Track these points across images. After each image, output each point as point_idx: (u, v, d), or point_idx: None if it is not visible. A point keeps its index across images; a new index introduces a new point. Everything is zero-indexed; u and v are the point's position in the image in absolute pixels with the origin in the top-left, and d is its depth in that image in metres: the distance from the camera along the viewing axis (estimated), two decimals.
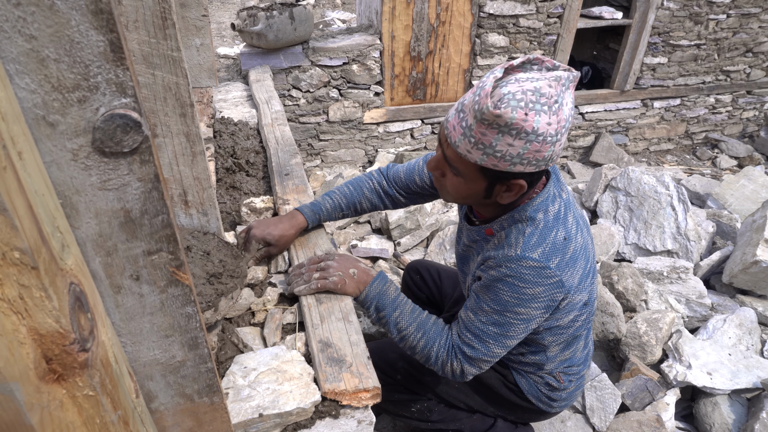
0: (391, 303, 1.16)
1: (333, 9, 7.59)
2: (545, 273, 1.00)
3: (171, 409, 0.68)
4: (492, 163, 0.92)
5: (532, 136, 0.87)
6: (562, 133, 0.91)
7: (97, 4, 0.41)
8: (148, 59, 0.92)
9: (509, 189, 0.99)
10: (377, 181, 1.40)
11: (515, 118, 0.85)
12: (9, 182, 0.37)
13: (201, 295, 1.01)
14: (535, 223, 1.03)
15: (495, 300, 1.04)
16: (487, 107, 0.86)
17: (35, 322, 0.42)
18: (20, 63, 0.41)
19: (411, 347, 1.15)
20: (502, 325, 1.06)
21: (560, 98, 0.88)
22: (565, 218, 1.06)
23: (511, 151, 0.89)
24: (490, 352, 1.09)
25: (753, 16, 4.11)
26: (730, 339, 2.00)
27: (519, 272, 1.00)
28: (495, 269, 1.03)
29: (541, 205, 1.04)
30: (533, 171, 0.94)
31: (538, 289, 1.01)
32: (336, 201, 1.37)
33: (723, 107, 4.63)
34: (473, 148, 0.92)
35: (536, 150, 0.89)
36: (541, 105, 0.86)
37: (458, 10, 3.44)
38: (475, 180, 0.99)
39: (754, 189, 3.23)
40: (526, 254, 1.00)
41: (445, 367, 1.13)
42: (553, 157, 0.93)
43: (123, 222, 0.51)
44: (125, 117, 0.45)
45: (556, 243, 1.02)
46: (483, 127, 0.89)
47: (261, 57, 3.15)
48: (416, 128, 3.85)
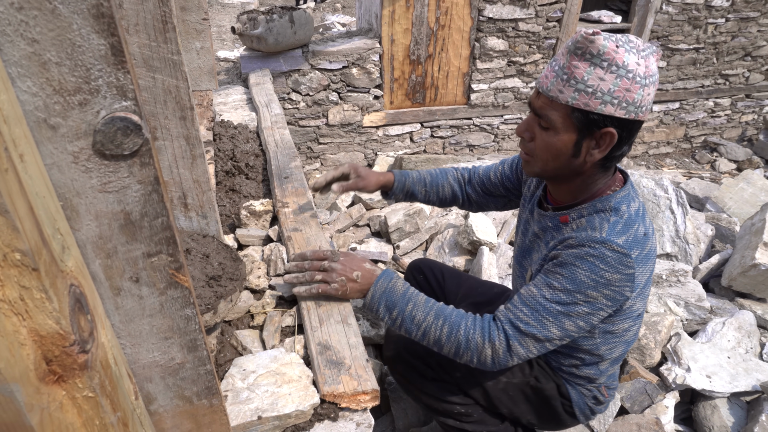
0: (402, 297, 1.10)
1: (333, 12, 7.61)
2: (626, 261, 0.98)
3: (170, 411, 0.69)
4: (583, 101, 0.94)
5: (622, 70, 0.91)
6: (651, 81, 0.94)
7: (99, 8, 0.41)
8: (149, 62, 0.93)
9: (599, 144, 0.99)
10: (461, 173, 1.47)
11: (607, 47, 0.90)
12: (10, 184, 0.37)
13: (200, 298, 1.01)
14: (620, 213, 1.03)
15: (569, 278, 1.00)
16: (580, 35, 0.92)
17: (36, 323, 0.42)
18: (22, 66, 0.41)
19: (436, 340, 1.07)
20: (567, 305, 1.01)
21: (647, 50, 0.94)
22: (644, 216, 1.07)
23: (602, 86, 0.92)
24: (544, 330, 1.02)
25: (752, 20, 4.13)
26: (729, 342, 2.00)
27: (602, 253, 0.98)
28: (577, 248, 1.01)
29: (623, 199, 1.05)
30: (623, 117, 0.94)
31: (616, 275, 0.99)
32: (422, 175, 1.41)
33: (722, 111, 4.65)
34: (565, 85, 0.95)
35: (626, 88, 0.92)
36: (630, 46, 0.92)
37: (458, 14, 3.46)
38: (565, 130, 0.99)
39: (753, 192, 3.23)
40: (611, 238, 0.99)
41: (483, 352, 1.04)
42: (642, 106, 0.94)
43: (123, 224, 0.52)
44: (126, 120, 0.46)
45: (637, 236, 1.02)
46: (575, 59, 0.93)
47: (261, 60, 3.16)
48: (416, 131, 3.86)
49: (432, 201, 1.46)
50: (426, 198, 1.44)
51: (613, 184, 1.09)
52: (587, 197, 1.08)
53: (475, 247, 2.34)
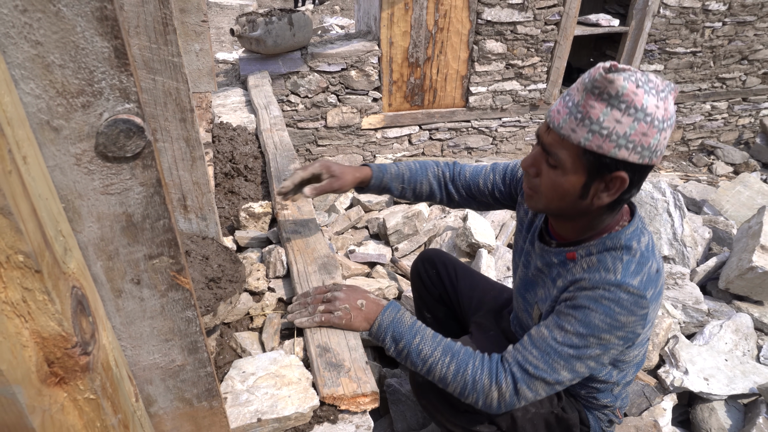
0: (409, 330, 1.06)
1: (332, 15, 7.62)
2: (641, 303, 0.96)
3: (170, 414, 0.68)
4: (596, 144, 0.88)
5: (640, 113, 0.86)
6: (668, 125, 0.89)
7: (103, 10, 0.41)
8: (149, 64, 0.93)
9: (608, 187, 0.93)
10: (442, 170, 1.38)
11: (626, 88, 0.85)
12: (14, 186, 0.37)
13: (200, 300, 1.01)
14: (632, 251, 0.98)
15: (583, 321, 0.96)
16: (600, 74, 0.86)
17: (38, 325, 0.42)
18: (26, 68, 0.41)
19: (441, 377, 1.04)
20: (579, 348, 0.97)
21: (665, 90, 0.88)
22: (654, 250, 1.03)
23: (618, 129, 0.87)
24: (554, 374, 0.99)
25: (748, 24, 4.15)
26: (727, 344, 2.01)
27: (618, 296, 0.95)
28: (591, 290, 0.97)
29: (634, 234, 1.00)
30: (636, 162, 0.89)
31: (631, 318, 0.96)
32: (401, 170, 1.35)
33: (719, 114, 4.67)
34: (579, 125, 0.89)
35: (643, 132, 0.87)
36: (650, 87, 0.87)
37: (456, 17, 3.47)
38: (573, 171, 0.93)
39: (750, 195, 3.25)
40: (627, 280, 0.95)
41: (489, 394, 1.00)
42: (656, 151, 0.89)
43: (125, 226, 0.52)
44: (128, 122, 0.46)
45: (651, 274, 0.98)
46: (592, 98, 0.87)
47: (260, 62, 3.16)
48: (414, 134, 3.87)
49: (407, 197, 1.39)
50: (401, 194, 1.38)
51: (621, 218, 1.04)
52: (594, 234, 1.04)
53: (474, 249, 2.34)
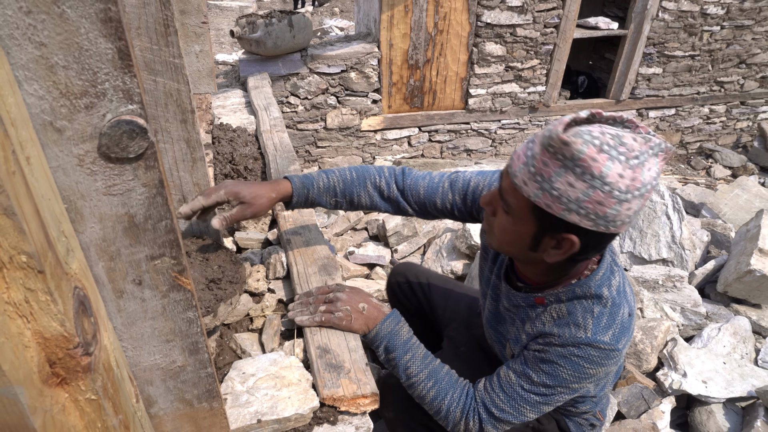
0: (403, 345, 1.07)
1: (331, 17, 7.63)
2: (613, 355, 0.94)
3: (170, 414, 0.68)
4: (546, 202, 0.81)
5: (597, 181, 0.77)
6: (635, 196, 0.78)
7: (107, 12, 0.41)
8: (150, 66, 0.93)
9: (558, 246, 0.87)
10: (386, 180, 1.24)
11: (583, 153, 0.76)
12: (18, 187, 0.38)
13: (200, 301, 1.01)
14: (603, 301, 0.95)
15: (550, 375, 0.96)
16: (556, 132, 0.78)
17: (40, 325, 0.42)
18: (29, 69, 0.42)
19: (420, 396, 1.07)
20: (546, 396, 0.98)
21: (642, 157, 0.78)
22: (625, 291, 0.99)
23: (569, 193, 0.79)
24: (520, 416, 1.00)
25: (746, 28, 4.17)
26: (725, 347, 2.01)
27: (588, 354, 0.94)
28: (561, 347, 0.95)
29: (604, 279, 0.96)
30: (589, 229, 0.82)
31: (601, 369, 0.96)
32: (332, 182, 1.22)
33: (717, 117, 4.68)
34: (530, 179, 0.82)
35: (598, 201, 0.78)
36: (618, 152, 0.77)
37: (456, 20, 3.47)
38: (524, 222, 0.88)
39: (748, 199, 3.26)
40: (597, 338, 0.93)
41: (458, 426, 1.03)
42: (616, 221, 0.80)
43: (127, 227, 0.52)
44: (131, 123, 0.46)
45: (623, 322, 0.96)
46: (547, 155, 0.79)
47: (260, 64, 3.16)
48: (413, 136, 3.87)
49: (343, 209, 1.28)
50: (337, 206, 1.26)
51: (589, 262, 0.98)
52: (560, 281, 0.99)
53: (473, 251, 2.34)
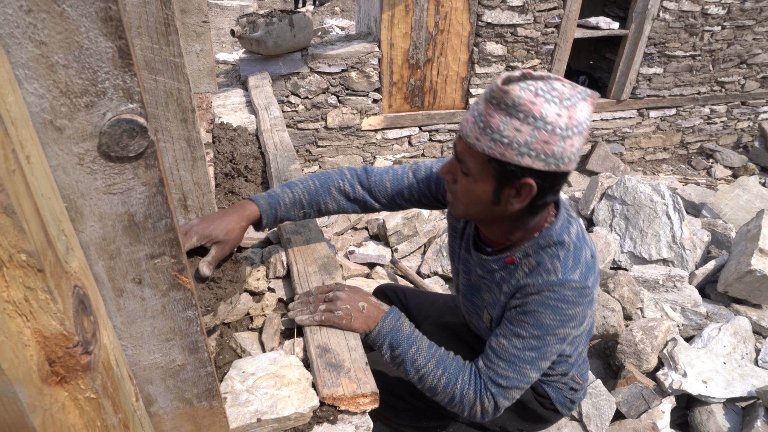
0: (407, 339, 1.08)
1: (332, 16, 7.63)
2: (585, 292, 1.00)
3: (170, 413, 0.68)
4: (499, 152, 0.89)
5: (540, 122, 0.86)
6: (575, 132, 0.88)
7: (107, 11, 0.41)
8: (151, 65, 0.93)
9: (519, 193, 0.95)
10: (349, 182, 1.27)
11: (522, 98, 0.85)
12: (18, 185, 0.38)
13: (200, 300, 1.01)
14: (565, 246, 1.02)
15: (535, 325, 1.01)
16: (496, 84, 0.87)
17: (40, 324, 0.42)
18: (30, 68, 0.42)
19: (431, 387, 1.07)
20: (539, 349, 1.02)
21: (573, 99, 0.87)
22: (584, 237, 1.07)
23: (518, 138, 0.87)
24: (525, 378, 1.04)
25: (747, 28, 4.17)
26: (725, 347, 2.01)
27: (563, 294, 0.99)
28: (537, 294, 1.01)
29: (563, 228, 1.04)
30: (542, 169, 0.90)
31: (578, 309, 1.01)
32: (297, 196, 1.22)
33: (718, 117, 4.68)
34: (481, 134, 0.90)
35: (544, 140, 0.87)
36: (551, 95, 0.86)
37: (457, 19, 3.47)
38: (483, 178, 0.95)
39: (748, 199, 3.26)
40: (568, 277, 0.99)
41: (474, 408, 1.05)
42: (563, 158, 0.89)
43: (127, 226, 0.52)
44: (132, 122, 0.46)
45: (587, 262, 1.02)
46: (491, 108, 0.88)
47: (260, 63, 3.16)
48: (414, 135, 3.87)
49: (311, 218, 1.30)
50: (306, 217, 1.28)
51: (548, 215, 1.06)
52: (524, 235, 1.06)
53: None
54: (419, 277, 2.47)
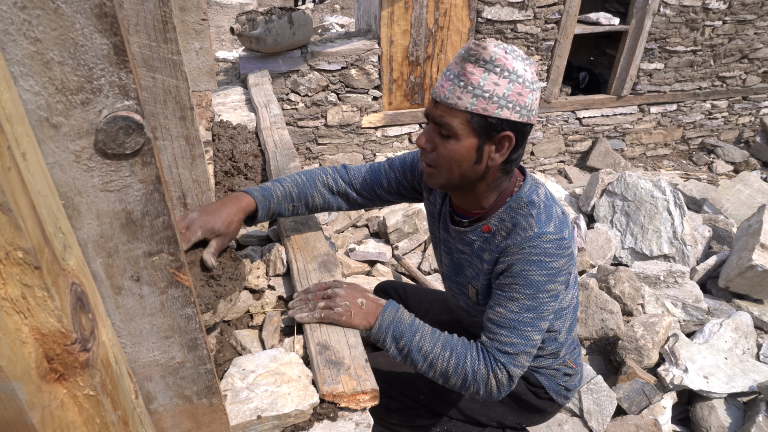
0: (409, 328, 1.09)
1: (332, 14, 7.62)
2: (563, 244, 1.04)
3: (170, 411, 0.69)
4: (482, 107, 0.97)
5: (513, 75, 0.96)
6: (537, 87, 1.00)
7: (102, 7, 0.41)
8: (149, 62, 0.93)
9: (499, 147, 1.02)
10: (332, 177, 1.34)
11: (498, 53, 0.95)
12: (13, 183, 0.37)
13: (200, 298, 1.02)
14: (536, 204, 1.07)
15: (525, 284, 1.04)
16: (473, 42, 0.96)
17: (37, 321, 0.42)
18: (25, 65, 0.42)
19: (443, 372, 1.07)
20: (535, 309, 1.05)
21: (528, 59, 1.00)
22: (552, 197, 1.12)
23: (497, 91, 0.96)
24: (529, 341, 1.06)
25: (748, 23, 4.15)
26: (727, 343, 2.01)
27: (543, 248, 1.03)
28: (519, 253, 1.04)
29: (531, 190, 1.10)
30: (517, 120, 0.99)
31: (561, 261, 1.04)
32: (287, 189, 1.28)
33: (719, 113, 4.66)
34: (463, 92, 0.97)
35: (518, 92, 0.97)
36: (515, 54, 0.98)
37: (456, 16, 3.46)
38: (465, 136, 1.01)
39: (750, 194, 3.25)
40: (543, 230, 1.03)
41: (489, 383, 1.06)
42: (532, 110, 1.00)
43: (124, 223, 0.52)
44: (128, 119, 0.46)
45: (559, 217, 1.07)
46: (470, 65, 0.96)
47: (260, 61, 3.16)
48: (414, 132, 3.86)
49: (301, 213, 1.34)
50: (294, 212, 1.32)
51: (516, 180, 1.13)
52: (497, 201, 1.11)
53: None
54: (421, 273, 2.47)
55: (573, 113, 4.22)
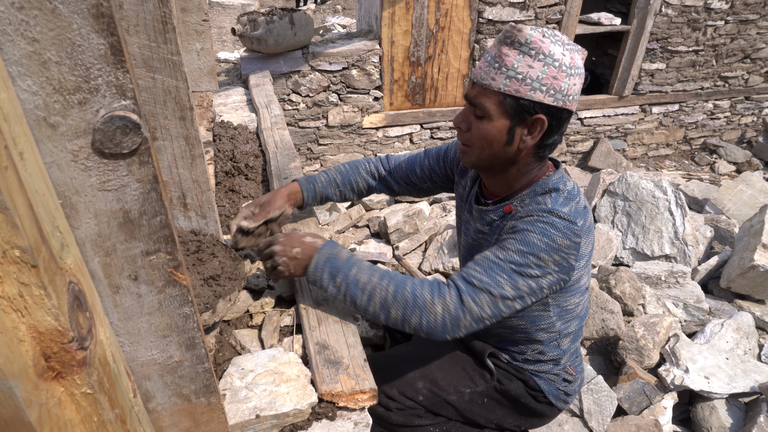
0: (346, 262, 1.06)
1: (333, 14, 7.62)
2: (573, 229, 1.03)
3: (168, 409, 0.69)
4: (514, 88, 0.98)
5: (549, 59, 0.96)
6: (576, 73, 0.99)
7: (99, 8, 0.41)
8: (149, 63, 0.93)
9: (531, 131, 1.03)
10: (374, 165, 1.46)
11: (533, 36, 0.96)
12: (10, 182, 0.38)
13: (199, 297, 1.02)
14: (560, 191, 1.08)
15: (522, 240, 1.02)
16: (510, 25, 0.98)
17: (34, 319, 0.43)
18: (23, 65, 0.42)
19: (382, 302, 1.03)
20: (520, 265, 1.02)
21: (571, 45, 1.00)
22: (580, 193, 1.12)
23: (531, 74, 0.97)
24: (497, 287, 1.01)
25: (751, 23, 4.14)
26: (728, 343, 2.00)
27: (552, 220, 1.02)
28: (527, 217, 1.05)
29: (560, 180, 1.10)
30: (551, 104, 0.99)
31: (566, 241, 1.02)
32: (331, 177, 1.41)
33: (721, 113, 4.65)
34: (497, 73, 0.99)
35: (553, 76, 0.97)
36: (555, 38, 0.98)
37: (457, 16, 3.46)
38: (498, 116, 1.02)
39: (752, 194, 3.24)
40: (557, 208, 1.03)
41: (433, 309, 1.00)
42: (568, 95, 0.99)
43: (122, 222, 0.52)
44: (125, 119, 0.46)
45: (579, 208, 1.07)
46: (506, 47, 0.98)
47: (261, 62, 3.16)
48: (415, 133, 3.86)
49: (348, 198, 1.46)
50: (342, 197, 1.44)
51: (547, 170, 1.14)
52: (524, 185, 1.12)
53: None
54: (422, 273, 2.47)
55: (575, 113, 4.22)
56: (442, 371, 1.28)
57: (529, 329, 1.20)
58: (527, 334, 1.22)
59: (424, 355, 1.32)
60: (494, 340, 1.29)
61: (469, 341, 1.31)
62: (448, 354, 1.32)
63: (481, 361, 1.28)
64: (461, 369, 1.29)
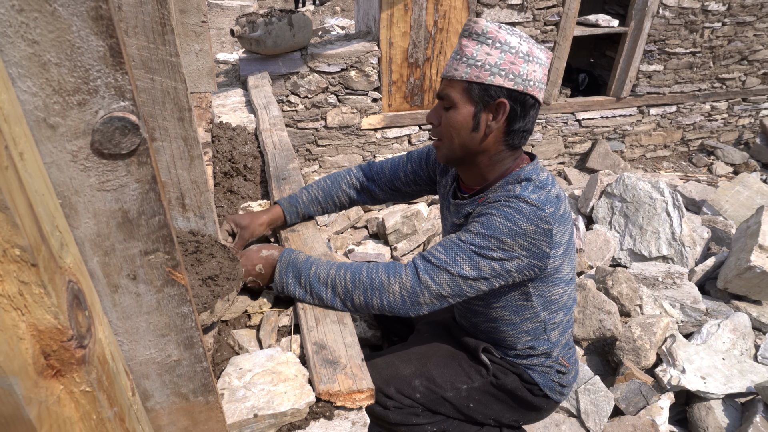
0: (305, 263, 1.13)
1: (332, 16, 7.64)
2: (540, 215, 1.04)
3: (166, 408, 0.69)
4: (475, 75, 1.04)
5: (505, 46, 1.02)
6: (535, 62, 1.04)
7: (98, 10, 0.42)
8: (147, 64, 0.94)
9: (495, 116, 1.07)
10: (356, 176, 1.48)
11: (489, 27, 1.03)
12: (10, 181, 0.38)
13: (197, 297, 1.02)
14: (531, 180, 1.10)
15: (485, 224, 1.05)
16: (468, 19, 1.07)
17: (34, 318, 0.43)
18: (22, 67, 0.42)
19: (344, 292, 1.09)
20: (481, 248, 1.04)
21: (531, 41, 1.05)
22: (554, 183, 1.14)
23: (489, 60, 1.03)
24: (456, 266, 1.05)
25: (748, 25, 4.16)
26: (725, 344, 2.01)
27: (517, 205, 1.04)
28: (494, 203, 1.07)
29: (532, 171, 1.13)
30: (512, 87, 1.04)
31: (530, 227, 1.03)
32: (313, 194, 1.43)
33: (719, 114, 4.67)
34: (459, 64, 1.06)
35: (510, 61, 1.03)
36: (511, 31, 1.05)
37: (456, 18, 3.47)
38: (462, 104, 1.07)
39: (749, 195, 3.25)
40: (524, 194, 1.05)
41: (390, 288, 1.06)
42: (528, 79, 1.04)
43: (121, 222, 0.53)
44: (124, 120, 0.47)
45: (549, 196, 1.08)
46: (465, 39, 1.05)
47: (260, 63, 3.17)
48: (414, 134, 3.87)
49: (330, 212, 1.50)
50: (325, 212, 1.48)
51: (521, 162, 1.17)
52: (498, 177, 1.15)
53: None
54: None
55: (572, 115, 4.23)
56: (438, 368, 1.29)
57: (514, 320, 1.21)
58: (514, 327, 1.23)
59: (421, 353, 1.33)
60: (484, 337, 1.31)
61: (461, 338, 1.32)
62: (444, 351, 1.33)
63: (475, 357, 1.29)
64: (457, 365, 1.30)
